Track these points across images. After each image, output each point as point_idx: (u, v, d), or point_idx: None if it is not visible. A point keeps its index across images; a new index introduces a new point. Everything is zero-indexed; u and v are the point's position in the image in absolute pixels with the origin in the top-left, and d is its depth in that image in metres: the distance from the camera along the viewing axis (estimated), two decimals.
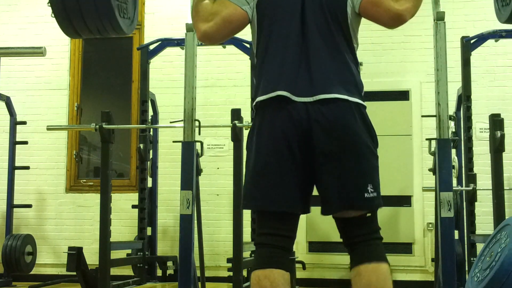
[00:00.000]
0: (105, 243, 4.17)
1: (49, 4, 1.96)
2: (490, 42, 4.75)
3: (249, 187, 2.00)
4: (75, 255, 4.07)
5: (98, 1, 1.93)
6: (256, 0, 2.02)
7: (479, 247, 3.84)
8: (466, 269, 4.43)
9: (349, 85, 1.94)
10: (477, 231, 4.58)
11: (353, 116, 1.91)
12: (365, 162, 1.92)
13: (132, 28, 2.26)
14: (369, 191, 1.90)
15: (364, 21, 2.06)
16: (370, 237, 1.93)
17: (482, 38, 4.62)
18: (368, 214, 1.93)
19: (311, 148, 1.89)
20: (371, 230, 1.95)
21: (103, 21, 2.02)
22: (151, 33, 5.91)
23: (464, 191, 4.60)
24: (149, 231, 5.20)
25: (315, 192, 2.01)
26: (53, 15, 2.01)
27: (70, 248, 4.15)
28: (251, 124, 4.33)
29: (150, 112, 5.25)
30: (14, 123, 5.59)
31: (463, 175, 4.75)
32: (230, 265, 4.30)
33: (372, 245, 1.93)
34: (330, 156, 1.89)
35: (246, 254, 4.36)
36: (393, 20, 1.95)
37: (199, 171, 3.68)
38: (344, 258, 5.28)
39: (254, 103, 2.02)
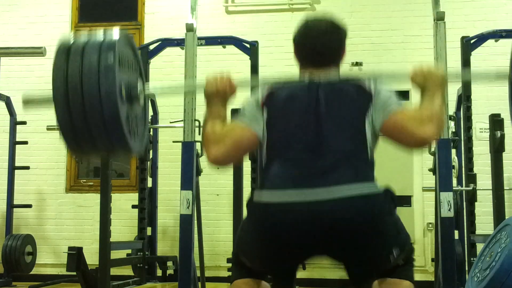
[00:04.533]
0: (105, 243, 4.17)
1: (57, 124, 1.98)
2: (490, 42, 4.75)
3: (241, 247, 1.99)
4: (75, 255, 4.07)
5: (108, 124, 1.94)
6: (266, 118, 1.94)
7: (479, 247, 3.84)
8: (466, 269, 4.42)
9: (364, 179, 1.85)
10: (477, 231, 4.58)
11: (368, 213, 1.81)
12: (386, 242, 1.86)
13: (143, 145, 2.27)
14: (394, 253, 1.86)
15: (363, 20, 2.06)
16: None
17: (482, 38, 4.62)
18: (402, 262, 1.90)
19: (321, 247, 1.84)
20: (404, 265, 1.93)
21: (113, 143, 2.03)
22: (151, 33, 5.92)
23: (464, 191, 4.60)
24: (149, 231, 5.20)
25: None
26: (61, 137, 2.03)
27: (70, 248, 4.15)
28: None
29: (150, 112, 5.24)
30: (14, 123, 5.59)
31: (463, 175, 4.75)
32: (230, 265, 4.30)
33: (401, 267, 1.91)
34: (340, 252, 1.85)
35: None
36: (417, 144, 1.91)
37: (199, 171, 3.68)
38: None
39: (252, 201, 1.91)
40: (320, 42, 2.04)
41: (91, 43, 2.00)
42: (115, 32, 2.05)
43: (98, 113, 1.92)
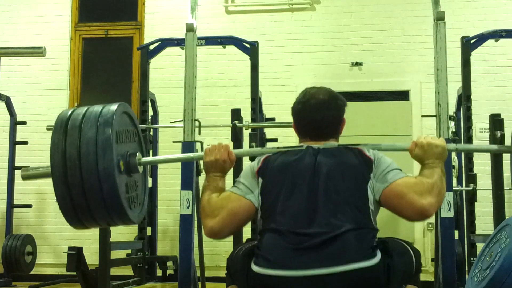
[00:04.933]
0: (105, 243, 4.17)
1: (56, 199, 2.01)
2: (490, 42, 4.74)
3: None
4: (75, 255, 4.07)
5: (107, 199, 1.96)
6: (261, 186, 1.95)
7: (479, 247, 3.84)
8: (466, 269, 4.43)
9: (362, 252, 1.81)
10: (477, 231, 4.58)
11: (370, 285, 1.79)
12: None
13: (141, 215, 2.29)
14: None
15: (363, 20, 2.05)
16: None
17: (482, 38, 4.61)
18: None
19: None
20: None
21: (113, 216, 2.05)
22: (151, 33, 5.91)
23: (464, 191, 4.60)
24: (149, 231, 5.20)
25: None
26: (61, 211, 2.05)
27: (70, 248, 4.14)
28: (251, 124, 4.35)
29: (150, 112, 5.24)
30: (14, 123, 5.59)
31: (463, 175, 4.75)
32: None
33: None
34: None
35: None
36: (417, 215, 1.87)
37: (199, 171, 3.68)
38: None
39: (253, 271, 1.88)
40: (318, 115, 2.04)
41: (88, 118, 1.99)
42: (112, 106, 2.04)
43: (97, 190, 1.93)
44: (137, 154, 2.14)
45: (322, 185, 1.86)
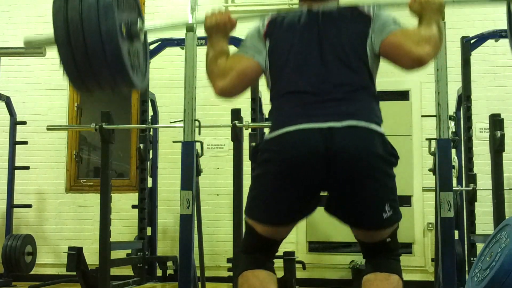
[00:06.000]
0: (105, 243, 4.17)
1: (60, 64, 2.02)
2: (490, 42, 4.75)
3: (252, 203, 2.00)
4: (75, 255, 4.08)
5: (110, 60, 1.98)
6: (268, 47, 2.02)
7: (479, 247, 3.84)
8: (466, 269, 4.43)
9: (371, 116, 1.93)
10: (477, 231, 4.58)
11: (372, 144, 1.89)
12: (382, 187, 1.92)
13: (145, 82, 2.31)
14: (386, 210, 1.91)
15: None
16: (388, 257, 1.97)
17: (482, 38, 4.62)
18: (388, 239, 1.95)
19: (323, 175, 1.86)
20: (391, 253, 1.98)
21: (116, 79, 2.07)
22: (151, 33, 5.91)
23: (464, 191, 4.60)
24: (149, 231, 5.20)
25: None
26: (64, 75, 2.06)
27: (70, 248, 4.15)
28: (251, 124, 4.35)
29: (150, 112, 5.24)
30: (14, 123, 5.59)
31: (463, 175, 4.75)
32: (230, 265, 4.30)
33: (389, 260, 1.97)
34: (344, 184, 1.87)
35: None
36: (414, 63, 1.92)
37: (199, 171, 3.68)
38: (344, 258, 5.28)
39: (266, 140, 1.97)
40: None
41: None
42: None
43: (100, 52, 1.97)
44: (138, 20, 2.18)
45: (326, 47, 1.94)
